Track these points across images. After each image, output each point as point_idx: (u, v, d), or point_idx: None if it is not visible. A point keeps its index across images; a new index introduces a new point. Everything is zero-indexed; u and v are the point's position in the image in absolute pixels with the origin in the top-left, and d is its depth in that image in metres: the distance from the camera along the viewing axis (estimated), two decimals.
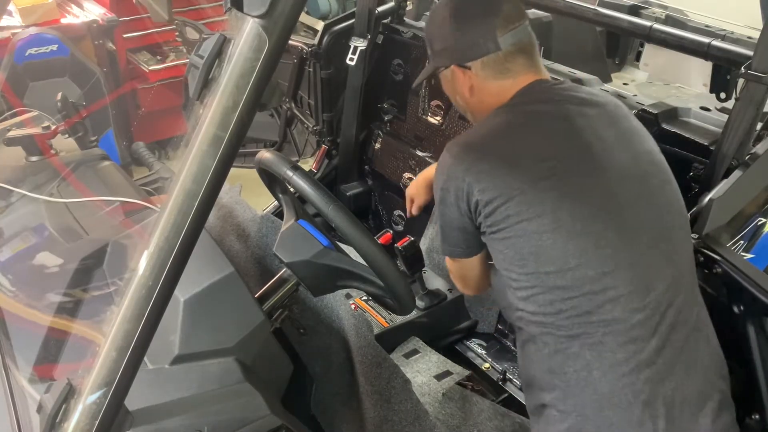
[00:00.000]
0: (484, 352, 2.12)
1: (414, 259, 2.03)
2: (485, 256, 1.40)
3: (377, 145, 2.66)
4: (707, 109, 1.83)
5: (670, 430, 1.19)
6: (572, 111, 1.32)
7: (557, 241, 1.20)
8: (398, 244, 2.02)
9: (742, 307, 1.35)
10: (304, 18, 4.00)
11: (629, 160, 1.29)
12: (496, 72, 1.36)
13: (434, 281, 2.18)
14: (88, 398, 0.93)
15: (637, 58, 3.26)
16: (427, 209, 1.90)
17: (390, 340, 1.96)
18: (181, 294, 1.34)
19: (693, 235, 1.42)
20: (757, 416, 1.39)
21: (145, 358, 1.07)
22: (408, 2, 2.61)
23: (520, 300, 1.27)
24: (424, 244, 2.30)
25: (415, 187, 1.80)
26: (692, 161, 1.72)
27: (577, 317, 1.20)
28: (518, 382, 1.95)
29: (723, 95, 1.73)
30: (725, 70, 1.70)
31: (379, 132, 2.65)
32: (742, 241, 1.56)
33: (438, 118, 2.42)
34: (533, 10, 2.84)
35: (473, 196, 1.26)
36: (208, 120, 0.87)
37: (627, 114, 1.39)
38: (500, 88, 1.37)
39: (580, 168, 1.25)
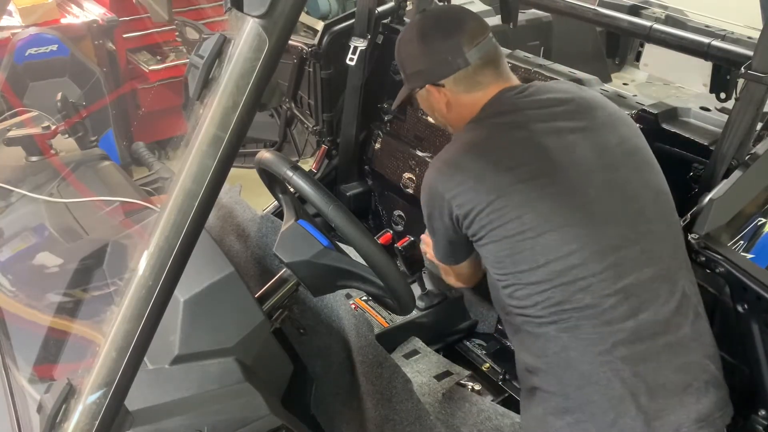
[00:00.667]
0: (484, 352, 2.12)
1: (414, 259, 2.03)
2: (474, 256, 1.48)
3: (377, 145, 2.66)
4: (707, 109, 1.83)
5: (651, 406, 1.24)
6: (535, 116, 1.39)
7: (526, 242, 1.28)
8: (398, 244, 2.02)
9: (746, 306, 1.35)
10: (304, 18, 4.00)
11: (595, 153, 1.35)
12: (467, 86, 1.44)
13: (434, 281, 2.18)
14: (88, 398, 0.93)
15: (637, 58, 3.27)
16: None
17: (390, 340, 1.96)
18: (181, 294, 1.34)
19: (693, 235, 1.42)
20: (763, 412, 1.39)
21: (145, 358, 1.07)
22: (408, 2, 2.60)
23: (505, 296, 1.36)
24: None
25: (426, 241, 1.84)
26: (692, 161, 1.72)
27: (552, 307, 1.28)
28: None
29: (723, 95, 1.72)
30: (725, 70, 1.70)
31: (379, 132, 2.65)
32: (742, 241, 1.56)
33: None
34: (533, 10, 2.85)
35: (453, 211, 1.36)
36: (208, 120, 0.87)
37: (599, 105, 1.44)
38: (473, 100, 1.45)
39: (544, 170, 1.32)
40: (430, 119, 2.41)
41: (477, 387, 1.87)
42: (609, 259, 1.27)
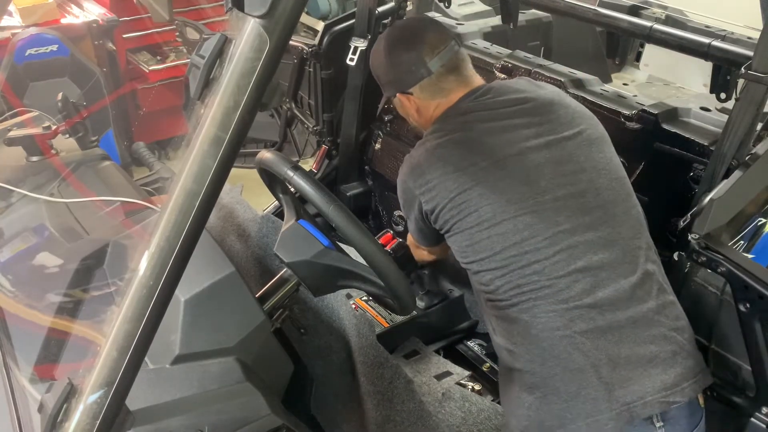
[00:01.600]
0: (484, 352, 2.12)
1: (405, 259, 2.02)
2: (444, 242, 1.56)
3: (377, 145, 2.66)
4: (707, 109, 1.83)
5: (613, 377, 1.30)
6: (490, 116, 1.48)
7: (483, 232, 1.39)
8: (387, 247, 2.01)
9: (748, 305, 1.35)
10: (304, 18, 4.00)
11: (548, 147, 1.43)
12: (432, 93, 1.56)
13: (434, 281, 2.19)
14: (89, 398, 0.93)
15: (637, 58, 3.26)
16: None
17: (390, 340, 1.96)
18: (182, 294, 1.34)
19: (693, 235, 1.43)
20: (766, 410, 1.40)
21: (146, 358, 1.07)
22: (408, 2, 2.60)
23: (476, 283, 1.47)
24: None
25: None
26: (692, 161, 1.72)
27: (511, 290, 1.38)
28: None
29: (723, 95, 1.72)
30: (725, 71, 1.70)
31: (379, 132, 2.65)
32: (742, 241, 1.57)
33: None
34: (533, 10, 2.85)
35: (423, 207, 1.48)
36: (209, 120, 0.87)
37: (558, 102, 1.52)
38: (437, 105, 1.57)
39: (498, 165, 1.41)
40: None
41: (477, 387, 1.87)
42: (561, 243, 1.35)
